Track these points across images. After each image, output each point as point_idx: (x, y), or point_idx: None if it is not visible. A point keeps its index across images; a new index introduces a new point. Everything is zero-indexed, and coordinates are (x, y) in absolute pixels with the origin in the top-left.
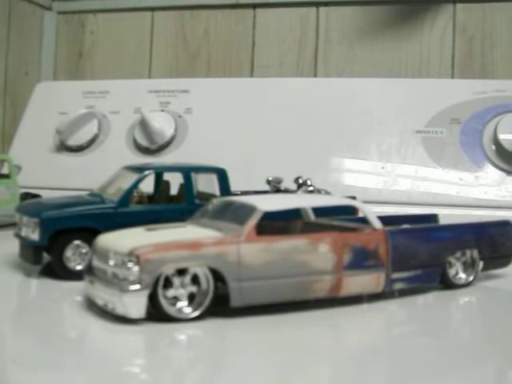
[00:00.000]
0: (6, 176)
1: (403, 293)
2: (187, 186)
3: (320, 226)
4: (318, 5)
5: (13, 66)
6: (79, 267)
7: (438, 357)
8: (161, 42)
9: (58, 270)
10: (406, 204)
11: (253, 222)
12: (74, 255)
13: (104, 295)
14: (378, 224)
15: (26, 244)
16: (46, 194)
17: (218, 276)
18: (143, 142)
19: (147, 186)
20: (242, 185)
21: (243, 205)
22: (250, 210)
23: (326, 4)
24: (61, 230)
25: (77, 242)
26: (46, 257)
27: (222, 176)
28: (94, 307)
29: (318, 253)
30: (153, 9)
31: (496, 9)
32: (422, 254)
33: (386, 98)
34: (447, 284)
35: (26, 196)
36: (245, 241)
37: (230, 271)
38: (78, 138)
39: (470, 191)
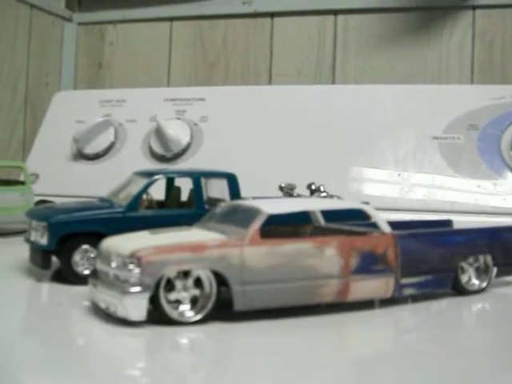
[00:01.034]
0: (21, 183)
1: (415, 299)
2: (197, 191)
3: (328, 231)
4: (335, 13)
5: (33, 76)
6: (87, 272)
7: (448, 366)
8: (179, 51)
9: (66, 275)
10: (423, 211)
11: (257, 224)
12: (83, 260)
13: (106, 298)
14: (386, 228)
15: (35, 248)
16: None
17: (221, 279)
18: (159, 150)
19: (159, 192)
20: (257, 193)
21: (249, 208)
22: (254, 212)
23: (343, 12)
24: (69, 235)
25: (85, 246)
26: (57, 262)
27: (232, 181)
28: (99, 311)
29: (324, 257)
30: (171, 19)
31: None
32: (432, 258)
33: (403, 104)
34: (460, 290)
35: (40, 203)
36: (248, 244)
37: (233, 274)
38: (95, 146)
39: (487, 198)
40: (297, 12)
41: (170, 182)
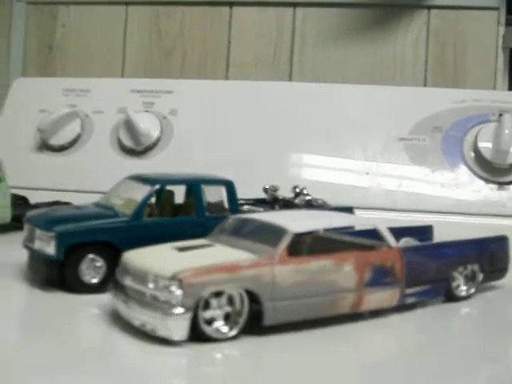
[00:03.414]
0: None
1: (407, 306)
2: (197, 198)
3: (336, 243)
4: (294, 5)
5: None
6: (94, 280)
7: (442, 368)
8: (135, 37)
9: (73, 284)
10: (391, 210)
11: (285, 243)
12: (89, 269)
13: (142, 317)
14: (393, 242)
15: (39, 257)
16: (28, 195)
17: (252, 296)
18: (128, 143)
19: None
20: None
21: (270, 225)
22: (280, 231)
23: (302, 5)
24: (76, 244)
25: (91, 255)
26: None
27: (230, 188)
28: (118, 322)
29: (343, 272)
30: (127, 3)
31: (468, 16)
32: (431, 269)
33: (370, 105)
34: (451, 297)
35: (12, 197)
36: (278, 262)
37: (264, 292)
38: (60, 138)
39: (451, 198)
40: (256, 2)
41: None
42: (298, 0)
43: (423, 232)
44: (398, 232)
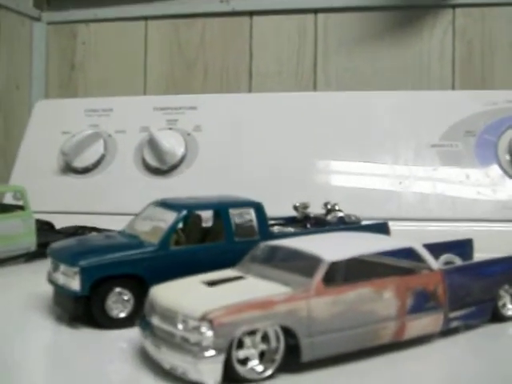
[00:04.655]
0: (21, 207)
1: (452, 329)
2: (226, 223)
3: (373, 265)
4: (316, 11)
5: (2, 80)
6: (122, 314)
7: None
8: (155, 51)
9: (100, 320)
10: (426, 220)
11: (320, 274)
12: (116, 303)
13: (172, 360)
14: (434, 264)
15: (63, 293)
16: (53, 219)
17: (288, 332)
18: (153, 163)
19: None
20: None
21: (304, 253)
22: (315, 260)
23: (323, 11)
24: (101, 278)
25: (118, 289)
26: None
27: (260, 210)
28: (148, 357)
29: (383, 300)
30: (146, 18)
31: (494, 13)
32: (475, 290)
33: (399, 112)
34: (498, 317)
35: (36, 224)
36: (314, 295)
37: (300, 327)
38: (84, 160)
39: (487, 205)
40: (276, 11)
41: None
42: (318, 6)
43: (463, 246)
44: (437, 248)
